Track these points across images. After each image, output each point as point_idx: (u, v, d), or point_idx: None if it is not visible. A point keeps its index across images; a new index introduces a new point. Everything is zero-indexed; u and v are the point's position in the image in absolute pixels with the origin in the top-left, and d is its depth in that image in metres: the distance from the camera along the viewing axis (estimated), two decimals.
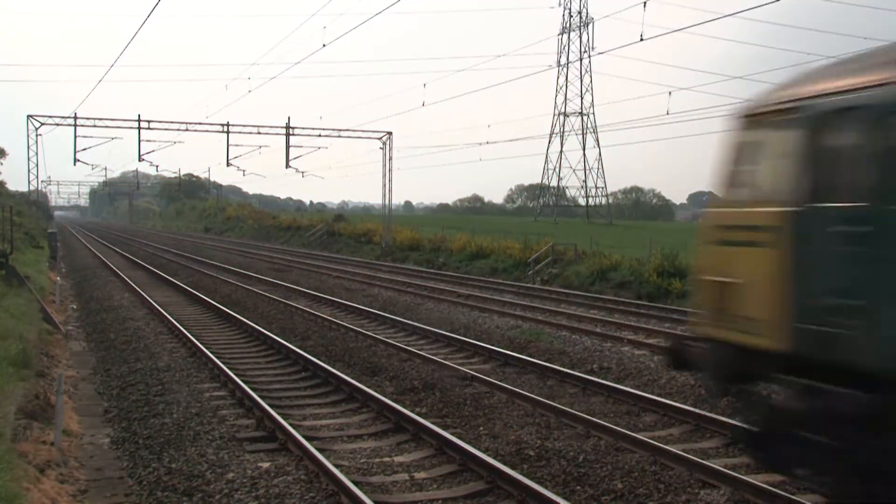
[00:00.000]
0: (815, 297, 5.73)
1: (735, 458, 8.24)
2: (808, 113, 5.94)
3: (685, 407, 9.98)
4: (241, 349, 14.88)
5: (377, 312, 19.18)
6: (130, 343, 15.20)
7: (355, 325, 17.27)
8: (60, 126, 51.68)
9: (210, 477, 7.62)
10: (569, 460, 8.13)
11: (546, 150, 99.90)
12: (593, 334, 16.38)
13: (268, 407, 9.71)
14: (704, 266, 7.12)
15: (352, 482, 7.13)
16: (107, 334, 16.37)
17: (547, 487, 7.21)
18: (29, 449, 8.01)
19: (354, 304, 20.84)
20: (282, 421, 9.11)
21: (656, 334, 16.12)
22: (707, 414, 9.52)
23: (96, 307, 20.71)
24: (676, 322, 17.67)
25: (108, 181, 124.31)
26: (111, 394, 11.34)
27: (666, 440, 8.80)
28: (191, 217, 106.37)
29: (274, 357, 14.02)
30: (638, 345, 15.05)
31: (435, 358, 13.48)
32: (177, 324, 16.65)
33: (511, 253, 33.19)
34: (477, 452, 7.96)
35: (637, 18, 75.92)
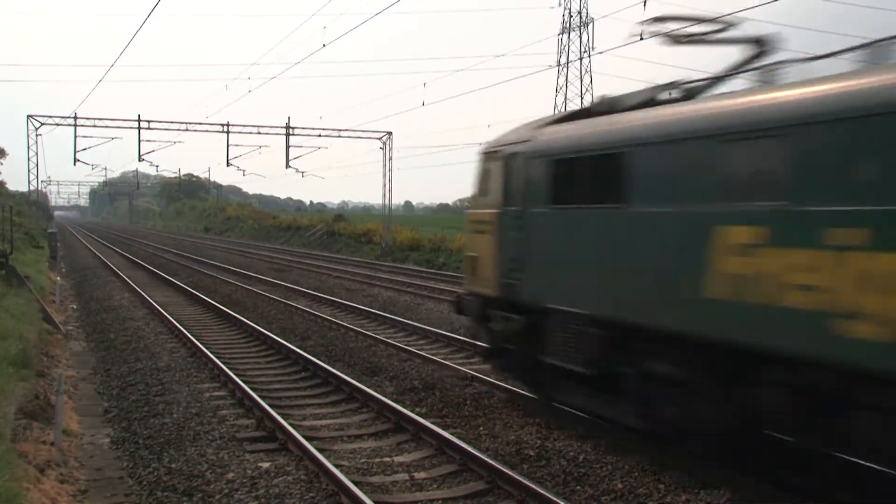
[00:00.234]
0: (507, 263, 9.90)
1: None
2: (503, 154, 10.09)
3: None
4: (241, 349, 14.88)
5: (377, 312, 19.19)
6: (130, 343, 15.20)
7: (355, 325, 17.28)
8: (60, 126, 51.72)
9: (210, 477, 7.62)
10: (569, 460, 8.13)
11: None
12: None
13: (268, 407, 9.72)
14: (466, 246, 11.38)
15: (352, 482, 7.14)
16: (107, 334, 16.38)
17: (547, 487, 7.22)
18: (29, 449, 8.02)
19: (354, 304, 20.85)
20: (282, 421, 9.12)
21: None
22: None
23: (96, 307, 20.72)
24: None
25: (108, 181, 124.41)
26: (111, 394, 11.34)
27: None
28: (191, 217, 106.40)
29: (274, 357, 14.03)
30: None
31: (435, 358, 13.49)
32: (177, 324, 16.66)
33: None
34: (477, 452, 7.97)
35: (637, 18, 75.67)
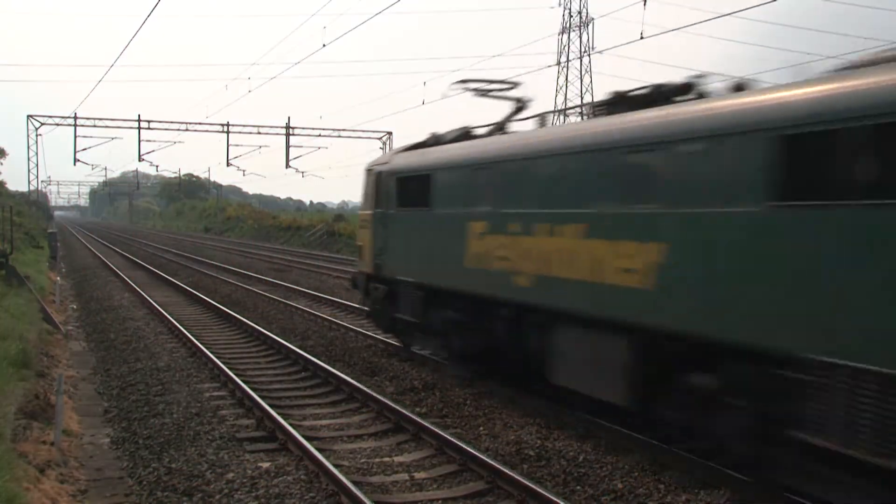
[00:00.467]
0: (377, 249, 13.91)
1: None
2: (374, 171, 14.23)
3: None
4: (241, 349, 14.88)
5: None
6: (130, 343, 15.20)
7: (355, 325, 17.27)
8: (60, 126, 51.77)
9: (210, 477, 7.62)
10: (569, 460, 8.13)
11: None
12: None
13: (268, 407, 9.71)
14: (357, 238, 16.47)
15: (352, 482, 7.13)
16: (107, 334, 16.37)
17: (547, 487, 7.22)
18: (29, 449, 8.01)
19: (354, 304, 20.79)
20: (282, 421, 9.12)
21: None
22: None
23: (96, 307, 20.71)
24: None
25: (108, 181, 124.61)
26: (111, 394, 11.34)
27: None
28: (191, 217, 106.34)
29: (274, 357, 14.03)
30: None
31: (435, 358, 13.48)
32: (177, 324, 16.65)
33: None
34: (477, 452, 7.97)
35: (637, 18, 75.98)
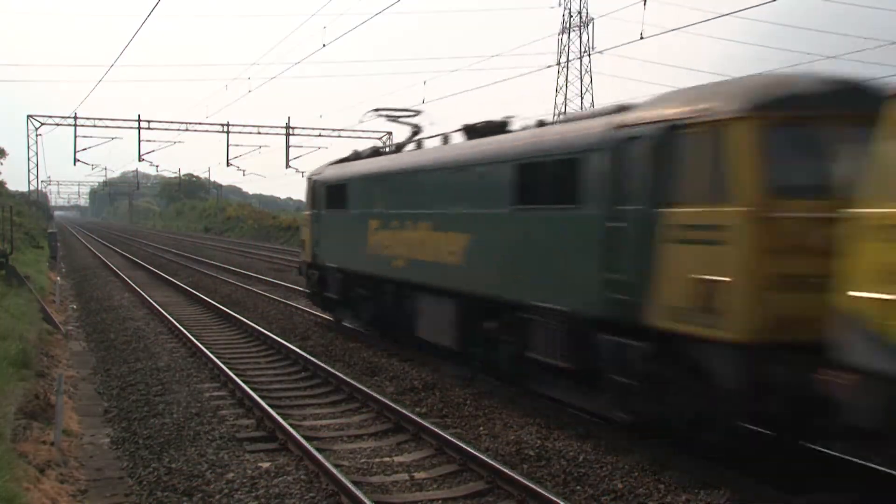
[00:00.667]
0: (314, 242, 17.42)
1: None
2: (311, 180, 17.70)
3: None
4: (241, 349, 14.89)
5: None
6: (130, 343, 15.20)
7: (354, 325, 17.27)
8: (60, 126, 51.74)
9: (210, 477, 7.62)
10: (569, 460, 8.13)
11: None
12: None
13: (268, 407, 9.71)
14: (301, 234, 20.09)
15: (351, 482, 7.13)
16: (107, 334, 16.38)
17: (547, 487, 7.22)
18: (29, 449, 8.01)
19: None
20: (282, 421, 9.11)
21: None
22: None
23: (96, 307, 20.72)
24: None
25: (108, 181, 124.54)
26: (111, 394, 11.34)
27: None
28: (191, 217, 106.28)
29: (274, 357, 14.04)
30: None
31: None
32: (177, 324, 16.65)
33: None
34: (477, 452, 7.97)
35: (637, 18, 75.91)
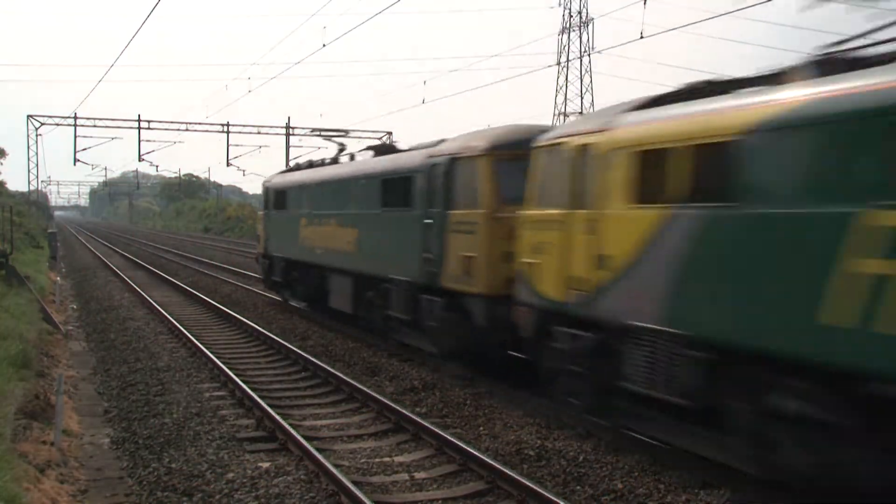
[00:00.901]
0: (266, 236, 22.37)
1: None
2: (265, 185, 22.93)
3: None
4: (241, 349, 14.89)
5: None
6: (130, 343, 15.19)
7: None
8: (60, 126, 51.69)
9: (210, 477, 7.62)
10: (569, 460, 8.13)
11: None
12: None
13: (268, 407, 9.71)
14: (258, 230, 24.73)
15: (351, 482, 7.13)
16: (107, 334, 16.37)
17: (547, 487, 7.22)
18: (29, 449, 8.01)
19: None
20: (282, 421, 9.11)
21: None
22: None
23: (96, 307, 20.72)
24: None
25: (108, 181, 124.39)
26: (111, 394, 11.34)
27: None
28: (191, 217, 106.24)
29: (274, 357, 14.04)
30: None
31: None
32: (177, 324, 16.65)
33: None
34: (477, 452, 7.97)
35: (637, 17, 75.81)
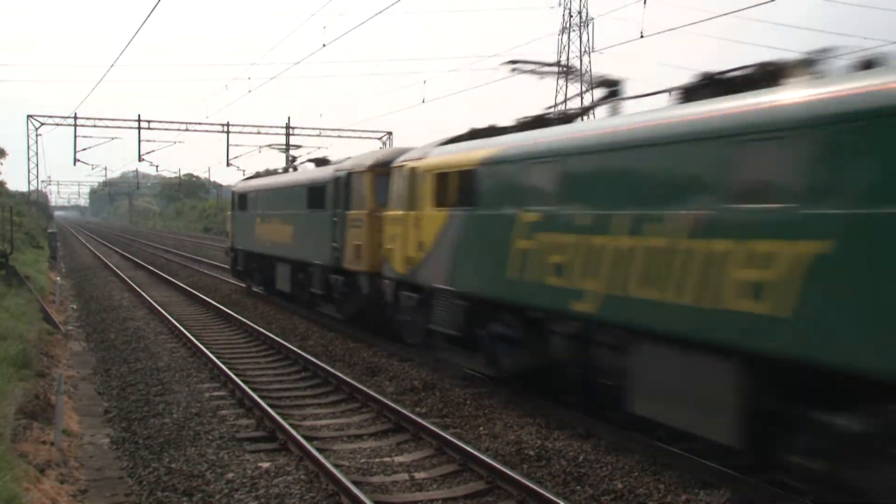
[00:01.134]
0: (234, 232, 25.95)
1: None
2: (233, 189, 27.48)
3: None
4: (241, 349, 14.89)
5: None
6: (130, 343, 15.20)
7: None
8: (60, 126, 51.68)
9: (210, 477, 7.62)
10: (569, 460, 8.14)
11: None
12: None
13: (268, 407, 9.71)
14: (227, 227, 27.83)
15: (351, 482, 7.14)
16: (107, 334, 16.38)
17: (547, 487, 7.22)
18: (29, 449, 8.01)
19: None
20: (282, 421, 9.12)
21: None
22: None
23: (96, 307, 20.72)
24: None
25: (108, 181, 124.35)
26: (111, 394, 11.34)
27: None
28: (191, 217, 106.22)
29: (274, 357, 14.04)
30: None
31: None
32: (177, 324, 16.65)
33: None
34: (477, 452, 7.98)
35: (637, 17, 75.85)
